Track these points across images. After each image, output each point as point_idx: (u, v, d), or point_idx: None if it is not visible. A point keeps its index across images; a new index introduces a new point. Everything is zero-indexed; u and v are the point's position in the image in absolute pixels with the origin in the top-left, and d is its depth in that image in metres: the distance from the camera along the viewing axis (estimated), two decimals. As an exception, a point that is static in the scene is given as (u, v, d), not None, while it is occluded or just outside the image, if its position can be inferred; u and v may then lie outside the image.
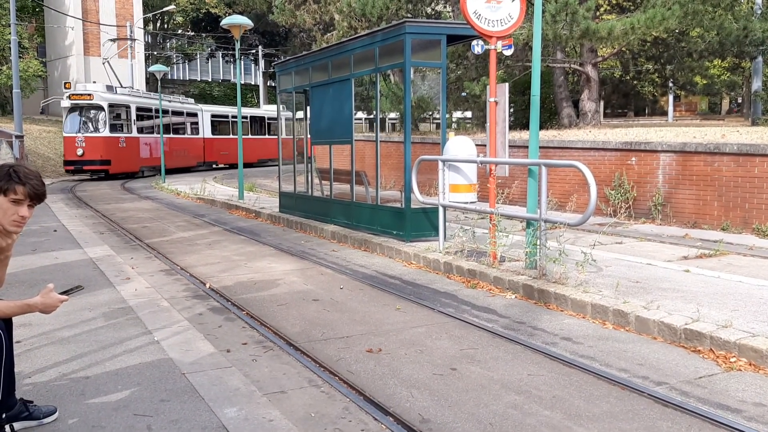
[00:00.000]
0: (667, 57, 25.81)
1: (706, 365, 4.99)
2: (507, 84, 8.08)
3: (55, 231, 11.09)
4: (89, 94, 26.55)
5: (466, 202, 8.62)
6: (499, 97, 7.98)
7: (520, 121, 27.31)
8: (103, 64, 32.12)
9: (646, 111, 53.12)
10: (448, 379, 4.74)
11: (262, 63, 42.35)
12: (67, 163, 26.36)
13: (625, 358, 5.16)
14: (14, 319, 3.41)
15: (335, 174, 12.14)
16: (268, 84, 48.65)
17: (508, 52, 8.04)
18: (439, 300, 7.04)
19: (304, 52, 14.32)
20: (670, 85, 30.52)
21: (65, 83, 29.94)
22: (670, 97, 40.31)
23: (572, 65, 23.33)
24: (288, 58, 14.58)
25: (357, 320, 6.30)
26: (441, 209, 8.81)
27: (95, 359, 4.68)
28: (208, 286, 7.67)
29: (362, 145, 14.97)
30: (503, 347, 5.46)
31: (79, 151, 25.68)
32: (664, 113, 44.27)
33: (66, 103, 26.52)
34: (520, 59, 22.42)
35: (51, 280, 7.35)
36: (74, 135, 26.09)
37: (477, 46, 8.12)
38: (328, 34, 28.33)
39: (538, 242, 7.16)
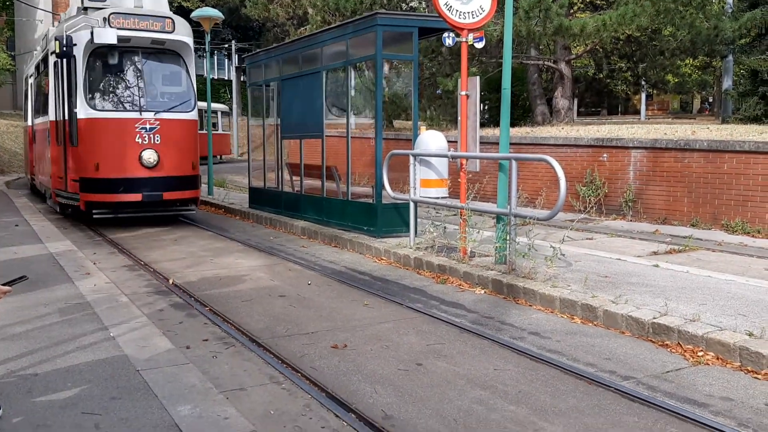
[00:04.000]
0: (639, 55, 25.98)
1: (673, 359, 4.94)
2: (478, 77, 8.00)
3: (17, 226, 10.79)
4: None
5: (437, 198, 8.52)
6: (470, 90, 7.89)
7: (494, 119, 27.29)
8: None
9: (619, 109, 53.57)
10: (413, 375, 4.63)
11: (235, 58, 41.90)
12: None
13: (592, 353, 5.09)
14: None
15: (306, 169, 11.98)
16: (242, 79, 48.21)
17: (479, 45, 7.94)
18: (408, 296, 6.93)
19: (275, 45, 14.13)
20: (643, 83, 30.80)
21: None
22: (643, 96, 40.70)
23: (546, 63, 23.40)
24: (258, 50, 14.37)
25: (324, 316, 6.17)
26: (412, 205, 8.71)
27: (46, 356, 4.50)
28: (171, 281, 7.48)
29: (335, 140, 14.78)
30: (470, 342, 5.37)
31: None
32: (637, 112, 44.67)
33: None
34: (494, 56, 22.41)
35: (8, 275, 7.11)
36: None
37: (448, 38, 8.02)
38: (302, 29, 28.08)
39: (508, 237, 7.08)
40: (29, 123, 17.17)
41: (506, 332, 5.63)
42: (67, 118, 11.40)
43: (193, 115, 11.98)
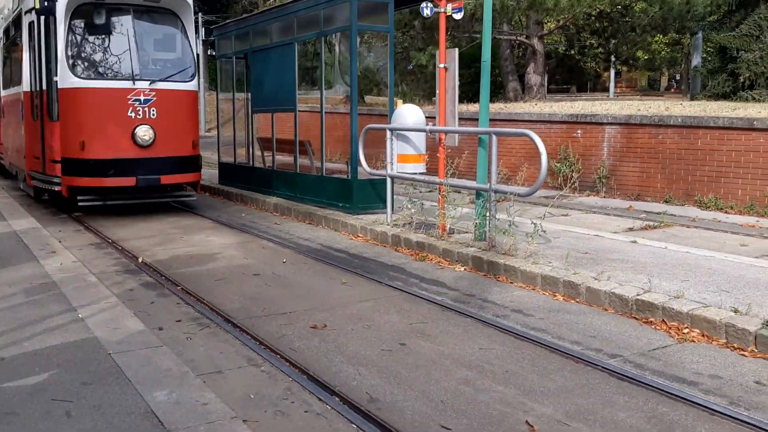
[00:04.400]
0: (611, 31, 26.00)
1: (659, 337, 4.88)
2: (456, 50, 7.82)
3: (-22, 203, 10.41)
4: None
5: (415, 173, 8.36)
6: (448, 63, 7.71)
7: (466, 95, 27.16)
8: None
9: (588, 87, 53.80)
10: (397, 356, 4.50)
11: (202, 31, 41.01)
12: None
13: (577, 330, 5.01)
14: None
15: (278, 144, 11.72)
16: (209, 53, 47.26)
17: (457, 16, 7.75)
18: (387, 273, 6.78)
19: (246, 15, 13.75)
20: (613, 59, 30.87)
21: None
22: (612, 73, 40.88)
23: (519, 38, 23.24)
24: (228, 21, 13.98)
25: (301, 295, 6.00)
26: (389, 180, 8.53)
27: (12, 339, 4.27)
28: (140, 260, 7.23)
29: (306, 115, 14.47)
30: (453, 321, 5.25)
31: None
32: (606, 89, 44.84)
33: None
34: (467, 30, 22.21)
35: (-32, 255, 6.84)
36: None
37: (426, 9, 7.81)
38: (270, 0, 27.53)
39: (488, 214, 6.97)
40: None
41: (489, 310, 5.53)
42: (45, 88, 9.95)
43: (192, 85, 10.36)
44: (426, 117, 8.89)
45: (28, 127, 10.93)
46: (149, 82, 9.70)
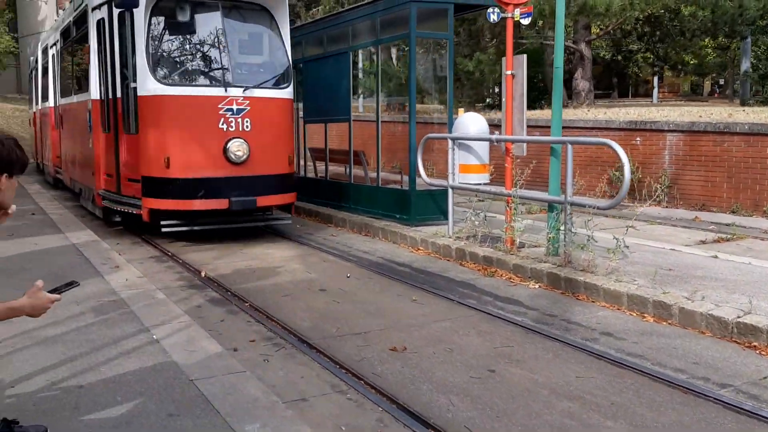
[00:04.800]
0: (659, 35, 25.42)
1: (767, 364, 4.52)
2: (525, 56, 7.52)
3: (33, 214, 10.36)
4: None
5: (479, 184, 8.08)
6: (516, 69, 7.42)
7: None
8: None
9: (630, 92, 52.87)
10: (488, 383, 4.22)
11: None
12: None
13: (677, 356, 4.68)
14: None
15: (331, 154, 11.53)
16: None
17: (525, 21, 7.47)
18: (456, 290, 6.51)
19: (298, 24, 13.62)
20: (660, 65, 30.21)
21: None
22: (655, 78, 40.09)
23: (566, 43, 22.76)
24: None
25: (372, 313, 5.76)
26: (450, 191, 8.26)
27: (88, 363, 4.09)
28: (203, 274, 7.07)
29: (359, 125, 14.29)
30: (540, 344, 4.95)
31: None
32: (647, 95, 43.94)
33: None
34: (515, 35, 21.85)
35: (32, 269, 6.72)
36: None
37: (493, 14, 7.55)
38: (313, 10, 27.50)
39: (563, 227, 6.65)
40: (52, 104, 14.25)
41: (576, 332, 5.21)
42: (119, 95, 8.82)
43: (288, 92, 9.01)
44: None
45: (97, 140, 9.71)
46: (243, 89, 8.39)
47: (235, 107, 8.31)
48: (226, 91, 8.31)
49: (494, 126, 9.81)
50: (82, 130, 10.65)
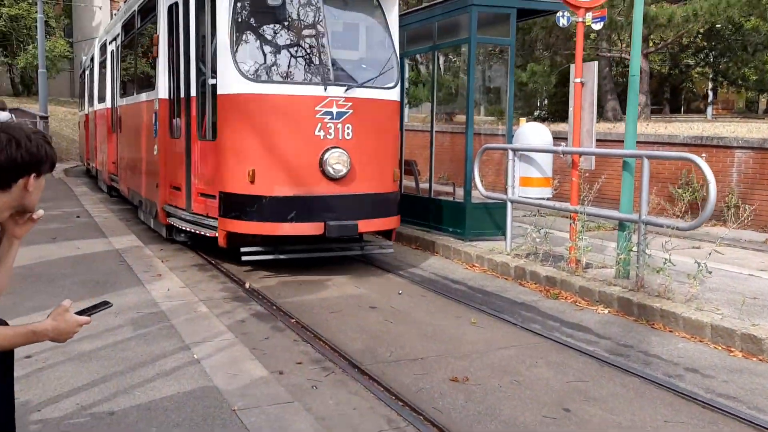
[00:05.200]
0: (721, 49, 24.48)
1: None
2: (596, 63, 7.02)
3: (78, 217, 10.20)
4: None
5: (541, 198, 7.58)
6: (586, 77, 6.92)
7: (559, 113, 26.04)
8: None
9: (682, 107, 51.42)
10: (565, 426, 3.73)
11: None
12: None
13: (777, 401, 4.12)
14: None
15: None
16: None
17: (597, 26, 6.98)
18: (518, 313, 6.02)
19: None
20: (719, 79, 29.15)
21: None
22: (710, 93, 38.80)
23: (623, 55, 22.06)
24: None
25: (428, 336, 5.31)
26: (509, 205, 7.77)
27: (122, 385, 3.73)
28: (248, 285, 6.72)
29: (410, 134, 13.90)
30: (618, 379, 4.44)
31: None
32: (699, 110, 42.54)
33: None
34: (566, 47, 21.23)
35: (72, 275, 6.46)
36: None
37: (562, 18, 7.07)
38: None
39: (637, 248, 6.11)
40: (109, 104, 13.21)
41: (656, 367, 4.69)
42: (193, 94, 7.62)
43: (396, 93, 7.56)
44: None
45: (163, 146, 8.45)
46: (345, 88, 6.98)
47: (335, 110, 6.89)
48: (325, 90, 6.88)
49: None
50: (145, 135, 9.45)
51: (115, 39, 12.36)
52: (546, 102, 26.64)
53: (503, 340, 5.22)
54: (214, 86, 7.15)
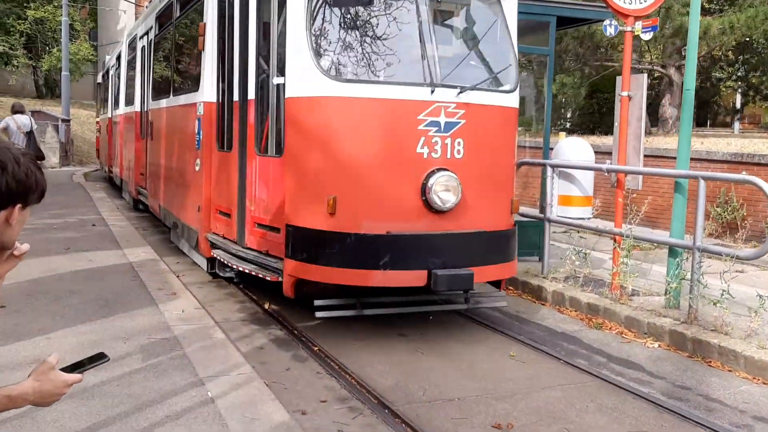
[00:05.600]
0: (754, 63, 23.82)
1: None
2: (645, 75, 6.55)
3: (94, 225, 9.86)
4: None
5: (582, 218, 7.10)
6: (634, 90, 6.44)
7: (587, 125, 25.50)
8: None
9: (708, 121, 50.51)
10: (628, 489, 3.26)
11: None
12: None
13: None
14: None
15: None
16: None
17: (647, 36, 6.52)
18: (560, 344, 5.55)
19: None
20: (750, 94, 28.43)
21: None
22: (738, 108, 37.93)
23: (655, 67, 21.48)
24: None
25: (464, 371, 4.85)
26: (547, 225, 7.30)
27: (127, 430, 3.32)
28: (267, 306, 6.29)
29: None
30: (681, 430, 3.95)
31: None
32: (725, 124, 41.63)
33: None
34: (597, 58, 20.72)
35: (81, 291, 6.08)
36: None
37: (610, 27, 6.62)
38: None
39: (691, 276, 5.61)
40: (138, 108, 11.61)
41: (720, 415, 4.19)
42: (252, 96, 6.06)
43: (514, 98, 5.87)
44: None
45: (208, 160, 6.90)
46: (458, 91, 5.34)
47: (442, 120, 5.25)
48: (432, 93, 5.25)
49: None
50: (184, 144, 7.88)
51: (146, 33, 10.89)
52: (572, 114, 26.11)
53: (547, 378, 4.75)
54: (281, 87, 5.61)
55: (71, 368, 1.95)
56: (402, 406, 4.14)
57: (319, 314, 5.35)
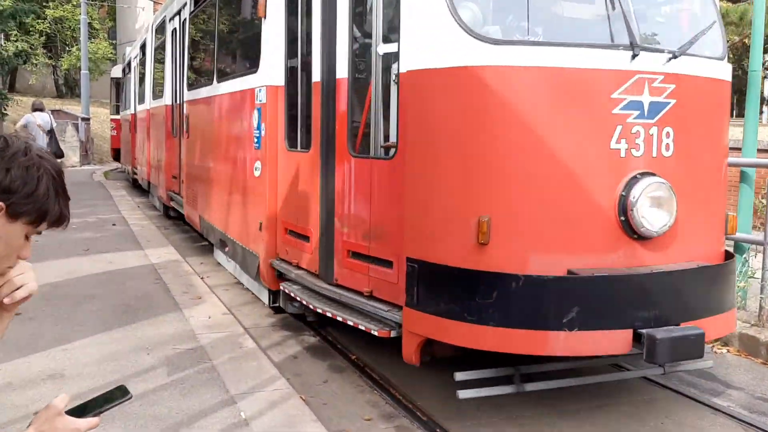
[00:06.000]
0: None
1: None
2: None
3: (114, 225, 9.55)
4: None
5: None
6: None
7: None
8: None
9: (734, 110, 49.57)
10: None
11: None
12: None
13: None
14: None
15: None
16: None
17: None
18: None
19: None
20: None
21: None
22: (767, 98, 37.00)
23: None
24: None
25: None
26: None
27: (152, 458, 2.93)
28: (298, 310, 5.87)
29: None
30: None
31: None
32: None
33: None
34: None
35: (100, 296, 5.70)
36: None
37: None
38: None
39: (762, 274, 5.13)
40: (168, 101, 10.09)
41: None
42: (343, 75, 4.51)
43: (725, 69, 4.03)
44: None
45: (273, 162, 5.37)
46: (667, 57, 3.63)
47: (646, 99, 3.57)
48: (633, 59, 3.56)
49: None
50: (236, 142, 6.33)
51: (179, 12, 9.15)
52: None
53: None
54: (391, 57, 4.11)
55: (86, 407, 1.55)
56: (458, 429, 3.71)
57: (462, 394, 3.64)
